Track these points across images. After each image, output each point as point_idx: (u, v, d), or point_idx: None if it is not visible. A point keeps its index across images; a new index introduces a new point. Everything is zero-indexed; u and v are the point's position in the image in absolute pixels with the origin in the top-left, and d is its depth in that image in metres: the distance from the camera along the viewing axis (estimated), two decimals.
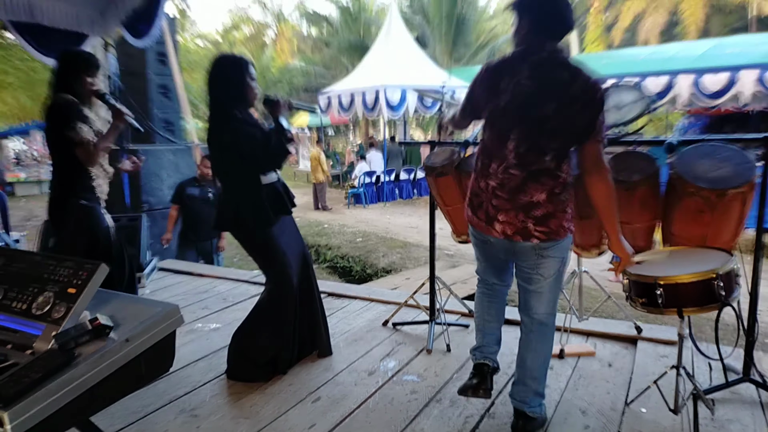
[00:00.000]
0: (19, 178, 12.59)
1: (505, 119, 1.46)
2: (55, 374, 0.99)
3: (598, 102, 1.39)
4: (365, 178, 10.08)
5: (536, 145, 1.42)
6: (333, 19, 19.87)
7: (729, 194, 1.59)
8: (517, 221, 1.47)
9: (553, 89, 1.39)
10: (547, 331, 1.63)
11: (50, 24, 2.97)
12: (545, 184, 1.44)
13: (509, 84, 1.43)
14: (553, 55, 1.42)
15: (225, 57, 2.00)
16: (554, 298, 1.60)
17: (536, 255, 1.52)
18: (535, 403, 1.65)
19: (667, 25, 19.35)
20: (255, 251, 2.07)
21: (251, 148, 1.88)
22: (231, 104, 1.89)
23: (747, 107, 8.41)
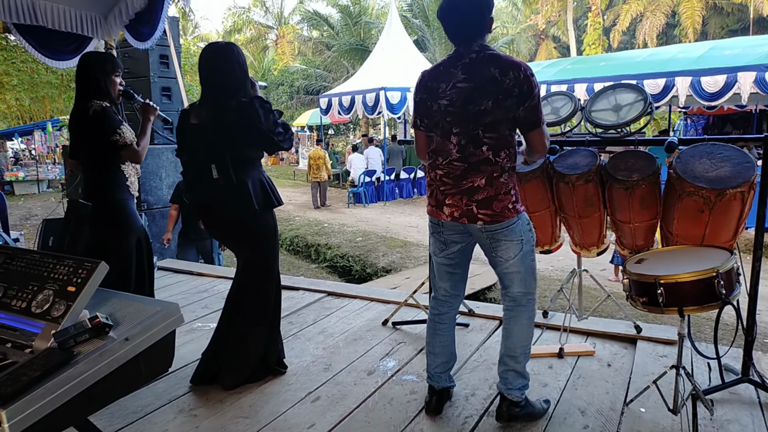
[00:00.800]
0: (18, 177, 12.57)
1: (448, 119, 1.58)
2: (53, 373, 0.99)
3: (532, 90, 1.49)
4: (365, 178, 10.10)
5: (475, 138, 1.54)
6: (334, 21, 19.90)
7: (728, 194, 1.59)
8: (462, 204, 1.58)
9: (487, 86, 1.50)
10: (523, 310, 1.67)
11: (53, 26, 2.97)
12: (484, 171, 1.55)
13: (446, 88, 1.56)
14: (481, 54, 1.53)
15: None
16: (526, 278, 1.64)
17: (487, 238, 1.60)
18: (515, 384, 1.68)
19: (665, 27, 19.41)
20: (261, 236, 1.99)
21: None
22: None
23: (747, 107, 8.43)
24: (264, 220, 1.99)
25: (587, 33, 20.54)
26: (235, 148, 1.88)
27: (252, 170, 1.95)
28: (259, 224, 1.98)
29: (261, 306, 2.02)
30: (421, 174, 10.70)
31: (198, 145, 1.92)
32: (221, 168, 1.88)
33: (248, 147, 1.91)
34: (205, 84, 1.90)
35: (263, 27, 27.17)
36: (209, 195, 1.94)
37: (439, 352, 1.79)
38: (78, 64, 2.18)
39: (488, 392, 1.95)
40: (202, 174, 1.91)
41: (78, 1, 3.05)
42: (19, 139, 14.39)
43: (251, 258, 2.02)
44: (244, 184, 1.90)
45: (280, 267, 2.13)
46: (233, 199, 1.90)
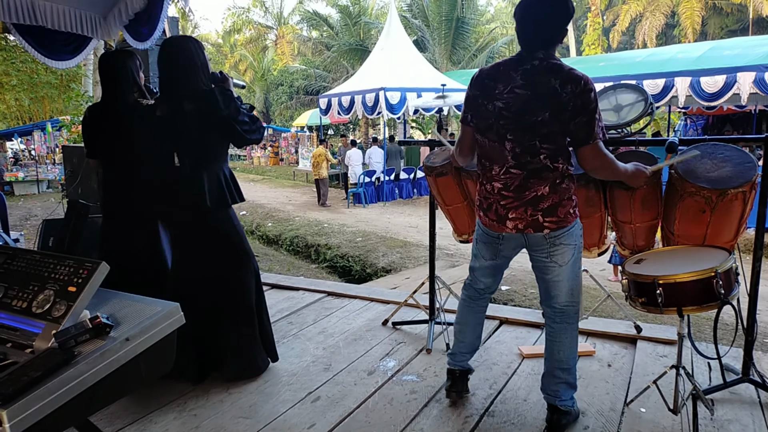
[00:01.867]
0: (18, 177, 12.56)
1: (502, 124, 1.54)
2: (54, 373, 0.99)
3: (588, 107, 1.45)
4: (364, 178, 10.11)
5: (531, 148, 1.52)
6: (333, 21, 19.91)
7: (730, 194, 1.59)
8: (527, 216, 1.56)
9: (545, 96, 1.47)
10: (570, 320, 1.66)
11: (52, 26, 2.97)
12: (546, 178, 1.53)
13: (503, 90, 1.53)
14: (544, 63, 1.50)
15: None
16: (573, 287, 1.63)
17: (548, 243, 1.58)
18: (567, 395, 1.67)
19: (664, 28, 19.43)
20: (227, 235, 1.99)
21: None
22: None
23: (747, 107, 8.43)
24: (219, 217, 1.96)
25: (587, 33, 20.56)
26: (195, 135, 1.87)
27: (213, 163, 1.94)
28: (218, 219, 1.95)
29: (239, 297, 2.02)
30: (421, 174, 10.70)
31: (160, 139, 1.93)
32: (183, 155, 1.89)
33: (209, 134, 1.89)
34: (161, 76, 1.90)
35: (263, 27, 27.18)
36: (167, 187, 1.93)
37: (469, 331, 1.81)
38: (115, 64, 2.17)
39: (488, 392, 1.95)
40: (163, 167, 1.92)
41: (77, 2, 3.04)
42: (19, 139, 14.38)
43: (216, 254, 1.98)
44: (200, 178, 1.89)
45: (280, 267, 2.12)
46: (191, 191, 1.89)
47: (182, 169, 1.90)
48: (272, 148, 20.08)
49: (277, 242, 7.90)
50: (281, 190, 12.74)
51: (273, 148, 20.07)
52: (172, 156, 1.89)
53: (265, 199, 11.16)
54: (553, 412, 1.67)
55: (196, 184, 1.89)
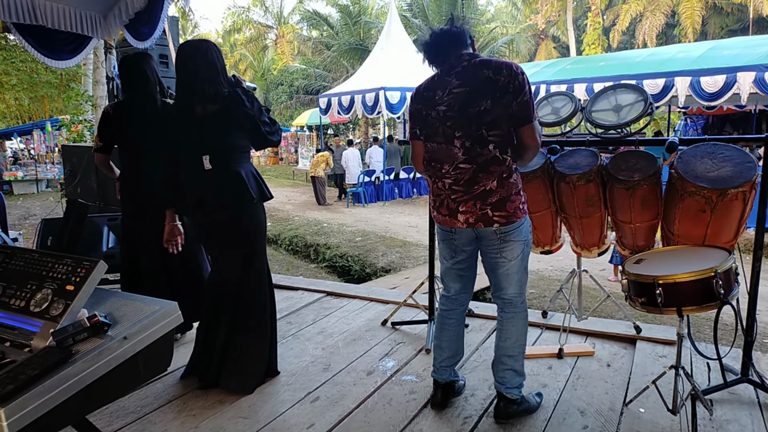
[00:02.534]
0: (17, 176, 12.56)
1: (449, 122, 1.60)
2: (52, 371, 0.98)
3: (524, 87, 1.53)
4: (364, 177, 10.11)
5: (480, 138, 1.56)
6: (333, 21, 19.91)
7: (730, 194, 1.59)
8: (476, 209, 1.60)
9: (483, 87, 1.54)
10: (518, 311, 1.72)
11: (52, 26, 2.97)
12: (493, 172, 1.57)
13: (443, 95, 1.60)
14: (472, 60, 1.59)
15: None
16: (521, 280, 1.70)
17: (498, 240, 1.63)
18: (513, 383, 1.72)
19: (665, 27, 19.43)
20: (255, 229, 1.97)
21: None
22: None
23: (747, 107, 8.44)
24: (257, 213, 1.98)
25: (587, 33, 20.56)
26: (224, 135, 1.87)
27: (243, 161, 1.94)
28: (253, 218, 1.96)
29: (262, 308, 2.01)
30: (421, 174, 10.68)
31: (184, 143, 1.90)
32: (214, 158, 1.86)
33: (236, 133, 1.89)
34: (184, 79, 1.89)
35: (263, 27, 27.18)
36: (201, 188, 1.88)
37: (445, 346, 1.83)
38: (141, 64, 2.26)
39: (488, 392, 1.95)
40: (192, 169, 1.88)
41: (78, 1, 3.04)
42: (18, 138, 14.38)
43: (244, 256, 1.96)
44: (239, 174, 1.88)
45: (279, 267, 2.13)
46: (230, 188, 1.87)
47: (216, 170, 1.87)
48: (272, 148, 20.09)
49: (276, 242, 7.89)
50: (281, 190, 12.74)
51: (273, 147, 20.09)
52: (200, 159, 1.85)
53: None
54: (500, 399, 1.73)
55: (236, 181, 1.88)
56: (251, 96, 1.90)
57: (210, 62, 1.86)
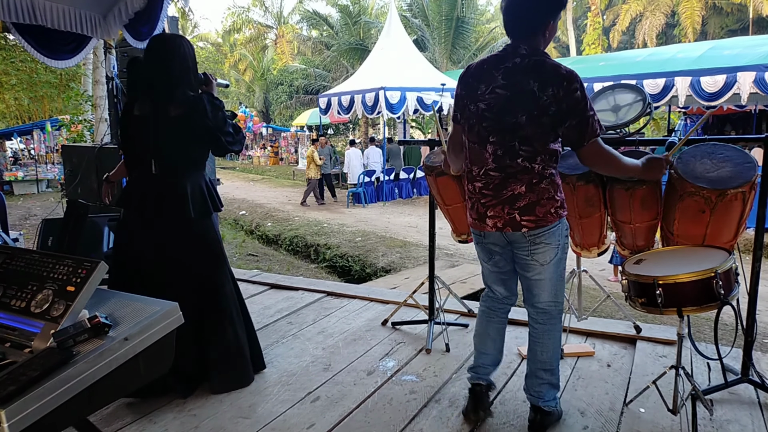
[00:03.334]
0: (17, 177, 12.56)
1: (485, 125, 1.54)
2: (53, 372, 0.98)
3: (576, 108, 1.42)
4: (364, 178, 10.11)
5: (511, 150, 1.51)
6: (333, 21, 19.90)
7: (729, 194, 1.59)
8: (504, 214, 1.55)
9: (523, 98, 1.45)
10: (553, 321, 1.64)
11: (52, 26, 2.97)
12: (522, 179, 1.52)
13: (485, 91, 1.53)
14: (525, 60, 1.46)
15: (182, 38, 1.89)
16: (556, 287, 1.62)
17: (528, 242, 1.57)
18: (549, 396, 1.67)
19: (665, 27, 19.43)
20: (209, 243, 1.92)
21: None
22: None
23: (747, 107, 8.43)
24: (201, 226, 1.89)
25: (587, 33, 20.56)
26: (178, 143, 1.79)
27: (194, 172, 1.87)
28: (197, 230, 1.88)
29: (235, 307, 1.98)
30: (421, 174, 10.71)
31: (139, 138, 1.82)
32: (162, 164, 1.80)
33: (192, 144, 1.81)
34: (148, 75, 1.80)
35: (262, 26, 27.17)
36: (144, 190, 1.83)
37: (490, 344, 1.74)
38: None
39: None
40: (141, 169, 1.82)
41: (77, 1, 3.04)
42: (18, 138, 14.37)
43: (197, 264, 1.90)
44: (183, 188, 1.81)
45: (280, 267, 2.12)
46: (169, 200, 1.81)
47: (162, 177, 1.80)
48: (272, 148, 20.07)
49: (276, 242, 7.89)
50: (281, 190, 12.74)
51: (273, 147, 20.07)
52: (149, 162, 1.78)
53: (265, 199, 11.15)
54: (536, 412, 1.67)
55: (180, 193, 1.81)
56: (216, 104, 1.81)
57: (182, 61, 1.79)
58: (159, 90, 1.79)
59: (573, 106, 1.42)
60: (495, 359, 1.79)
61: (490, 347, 1.77)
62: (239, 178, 15.79)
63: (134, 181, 1.88)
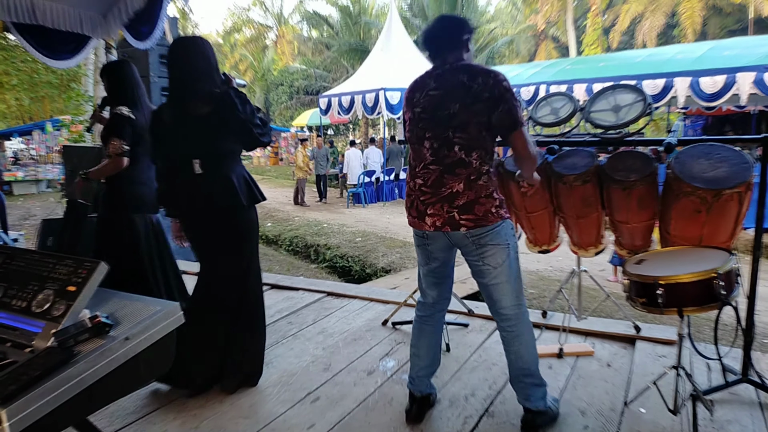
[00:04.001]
0: (17, 177, 12.56)
1: (421, 125, 1.61)
2: (53, 372, 0.99)
3: (505, 95, 1.50)
4: (364, 178, 10.11)
5: (447, 140, 1.55)
6: (333, 21, 19.92)
7: (725, 194, 1.60)
8: (443, 212, 1.56)
9: (455, 91, 1.54)
10: (521, 324, 1.63)
11: (52, 26, 2.97)
12: (460, 174, 1.54)
13: (420, 97, 1.63)
14: (454, 65, 1.59)
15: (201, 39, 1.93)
16: (515, 289, 1.61)
17: (473, 244, 1.56)
18: (536, 395, 1.66)
19: (664, 28, 19.43)
20: (248, 232, 1.96)
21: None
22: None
23: (746, 108, 8.43)
24: (250, 217, 1.96)
25: (587, 33, 20.56)
26: (215, 139, 1.83)
27: (234, 164, 1.91)
28: (245, 222, 1.94)
29: (258, 306, 2.01)
30: None
31: (175, 144, 1.86)
32: (205, 162, 1.83)
33: (228, 138, 1.85)
34: (175, 78, 1.86)
35: (263, 27, 27.17)
36: (191, 192, 1.86)
37: (423, 354, 1.76)
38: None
39: (488, 392, 1.95)
40: (182, 173, 1.85)
41: (77, 1, 3.04)
42: (19, 138, 14.38)
43: (240, 259, 1.95)
44: (229, 179, 1.86)
45: (280, 267, 2.13)
46: (219, 193, 1.85)
47: (207, 175, 1.84)
48: (272, 148, 20.08)
49: (276, 242, 7.89)
50: (281, 190, 12.74)
51: (273, 148, 20.08)
52: (190, 162, 1.83)
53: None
54: (527, 412, 1.68)
55: (227, 187, 1.85)
56: (243, 97, 1.86)
57: (205, 60, 1.83)
58: (188, 91, 1.84)
59: (503, 93, 1.50)
60: (429, 369, 1.78)
61: (423, 358, 1.76)
62: None
63: (180, 186, 1.90)
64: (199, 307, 1.97)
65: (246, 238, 1.96)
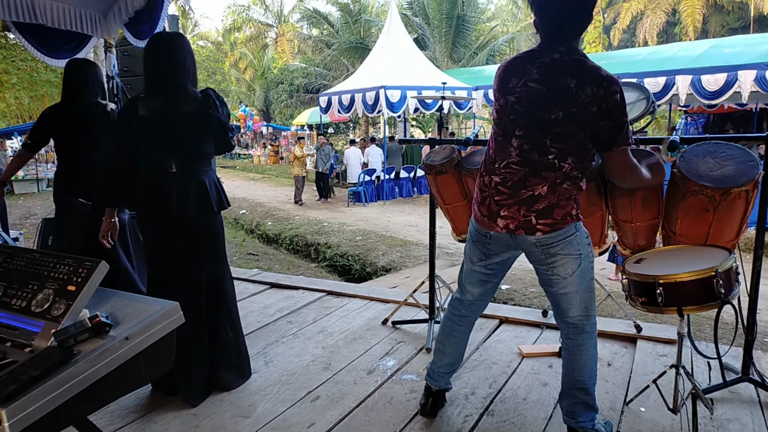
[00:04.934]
0: (17, 176, 12.56)
1: (512, 118, 1.47)
2: (53, 372, 0.98)
3: (613, 111, 1.36)
4: (364, 177, 10.11)
5: (541, 146, 1.43)
6: (333, 19, 19.88)
7: (733, 192, 1.59)
8: (519, 216, 1.45)
9: (560, 94, 1.38)
10: (586, 336, 1.54)
11: (52, 24, 2.97)
12: (546, 178, 1.43)
13: (517, 84, 1.45)
14: (564, 57, 1.39)
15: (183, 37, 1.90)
16: (585, 299, 1.51)
17: (542, 253, 1.47)
18: (585, 417, 1.56)
19: (665, 26, 19.38)
20: (215, 237, 1.93)
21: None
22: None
23: (748, 105, 8.42)
24: (218, 221, 1.93)
25: (587, 31, 20.50)
26: (193, 139, 1.79)
27: (208, 168, 1.88)
28: (215, 226, 1.91)
29: (234, 306, 2.02)
30: (421, 173, 10.71)
31: (151, 138, 1.79)
32: (180, 162, 1.78)
33: (206, 139, 1.83)
34: (154, 74, 1.79)
35: (263, 25, 27.12)
36: (163, 191, 1.79)
37: (449, 352, 1.73)
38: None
39: (488, 391, 1.95)
40: (154, 169, 1.79)
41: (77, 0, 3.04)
42: (19, 138, 14.38)
43: (213, 261, 1.92)
44: (202, 183, 1.82)
45: (280, 266, 2.14)
46: (191, 197, 1.80)
47: (181, 174, 1.79)
48: (272, 147, 20.07)
49: (276, 241, 7.89)
50: (281, 189, 12.73)
51: (273, 146, 20.07)
52: (165, 160, 1.77)
53: (265, 198, 11.16)
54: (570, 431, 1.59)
55: (200, 189, 1.82)
56: (222, 99, 1.84)
57: (191, 58, 1.81)
58: (171, 87, 1.78)
59: (612, 108, 1.35)
60: (452, 367, 1.76)
61: (449, 356, 1.72)
62: (239, 177, 15.79)
63: (150, 182, 1.82)
64: None
65: (215, 241, 1.92)
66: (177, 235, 1.85)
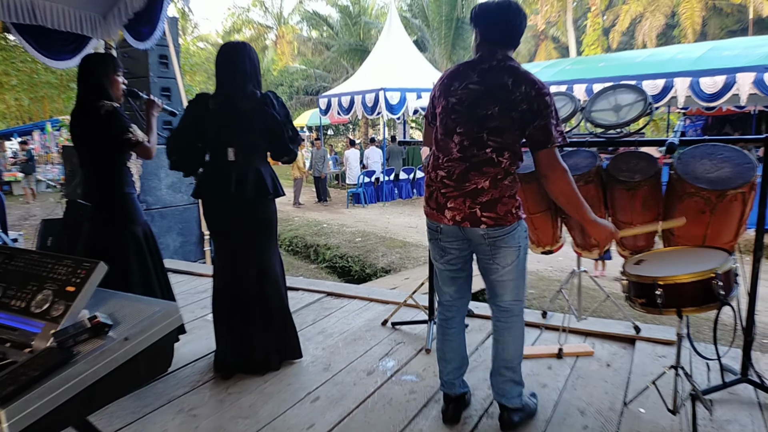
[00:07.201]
0: (17, 177, 12.56)
1: (453, 117, 1.57)
2: (53, 372, 0.98)
3: (544, 111, 1.46)
4: (364, 178, 10.12)
5: (478, 140, 1.52)
6: (333, 21, 19.93)
7: (729, 195, 1.59)
8: (464, 207, 1.54)
9: (496, 92, 1.50)
10: (515, 319, 1.65)
11: (52, 26, 2.97)
12: (487, 173, 1.52)
13: (459, 87, 1.57)
14: (501, 63, 1.53)
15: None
16: (518, 286, 1.63)
17: (488, 245, 1.56)
18: (513, 393, 1.67)
19: (664, 28, 19.44)
20: (270, 224, 2.11)
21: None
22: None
23: (746, 108, 8.44)
24: (273, 208, 2.11)
25: (587, 33, 20.56)
26: (250, 133, 1.99)
27: (263, 161, 2.07)
28: (270, 212, 2.09)
29: (283, 292, 2.16)
30: (421, 174, 10.72)
31: (213, 130, 2.01)
32: (238, 152, 1.99)
33: (262, 134, 2.01)
34: (221, 74, 2.02)
35: (262, 27, 27.16)
36: (222, 178, 1.99)
37: (450, 357, 1.75)
38: (79, 65, 2.19)
39: (488, 392, 1.95)
40: (217, 158, 2.01)
41: (77, 1, 3.04)
42: (18, 139, 14.39)
43: (263, 246, 2.08)
44: (259, 171, 2.01)
45: None
46: (248, 182, 1.99)
47: (239, 162, 1.98)
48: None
49: None
50: None
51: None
52: (225, 150, 1.98)
53: None
54: (502, 410, 1.69)
55: (258, 176, 2.00)
56: (281, 101, 2.05)
57: (243, 62, 2.01)
58: (233, 87, 2.00)
59: (543, 108, 1.46)
60: (460, 372, 1.77)
61: (452, 360, 1.75)
62: None
63: (212, 169, 2.05)
64: (220, 296, 2.13)
65: (270, 228, 2.10)
66: (236, 219, 2.03)
